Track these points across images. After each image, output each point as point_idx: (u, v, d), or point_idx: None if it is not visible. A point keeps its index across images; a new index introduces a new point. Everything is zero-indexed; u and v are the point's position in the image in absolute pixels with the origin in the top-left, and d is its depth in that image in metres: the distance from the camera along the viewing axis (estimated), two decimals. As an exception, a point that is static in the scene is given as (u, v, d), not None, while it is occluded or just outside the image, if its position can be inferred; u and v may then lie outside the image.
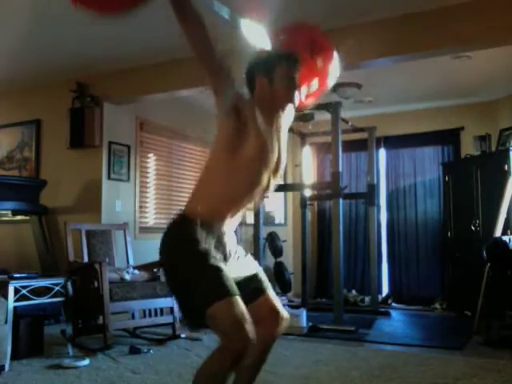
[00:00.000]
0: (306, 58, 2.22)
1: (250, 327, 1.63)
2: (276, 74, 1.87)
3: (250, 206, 1.89)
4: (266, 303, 1.90)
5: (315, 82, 2.21)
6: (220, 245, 1.80)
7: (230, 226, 1.88)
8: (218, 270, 1.70)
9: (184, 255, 1.75)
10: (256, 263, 2.01)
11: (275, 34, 2.31)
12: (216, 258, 1.74)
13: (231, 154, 1.77)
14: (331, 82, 2.25)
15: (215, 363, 1.69)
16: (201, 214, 1.77)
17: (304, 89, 2.16)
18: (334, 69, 2.25)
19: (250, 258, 1.99)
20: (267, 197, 1.95)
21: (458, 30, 3.68)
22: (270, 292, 1.93)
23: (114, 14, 1.69)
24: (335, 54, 2.26)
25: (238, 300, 1.67)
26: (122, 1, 1.58)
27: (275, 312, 1.90)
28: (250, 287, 1.89)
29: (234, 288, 1.69)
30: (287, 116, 1.98)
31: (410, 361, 3.48)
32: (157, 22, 3.83)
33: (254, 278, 1.92)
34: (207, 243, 1.74)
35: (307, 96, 2.24)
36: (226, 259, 1.82)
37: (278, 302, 1.93)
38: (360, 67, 4.31)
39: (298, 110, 2.16)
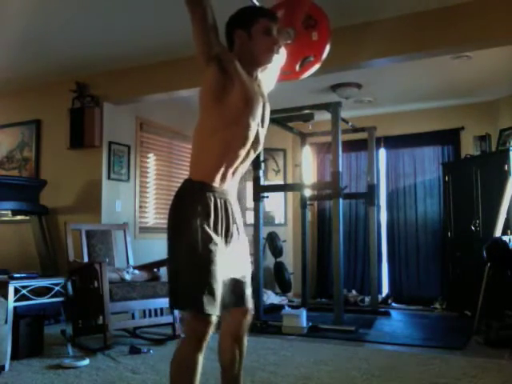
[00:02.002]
0: (301, 31, 2.22)
1: (213, 309, 1.70)
2: (255, 28, 1.87)
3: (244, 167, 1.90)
4: (242, 308, 1.93)
5: (310, 57, 2.22)
6: (224, 212, 1.83)
7: (231, 183, 1.90)
8: (211, 265, 1.72)
9: (182, 232, 1.77)
10: (248, 257, 1.99)
11: (270, 8, 2.31)
12: (212, 239, 1.75)
13: (218, 105, 1.78)
14: (325, 54, 2.26)
15: (181, 348, 1.77)
16: (201, 177, 1.82)
17: (299, 60, 2.17)
18: (328, 41, 2.26)
19: (245, 244, 1.98)
20: (259, 150, 1.95)
21: (458, 30, 3.68)
22: (249, 298, 1.94)
23: None
24: (329, 27, 2.27)
25: (213, 320, 1.72)
26: None
27: (245, 309, 1.93)
28: (236, 293, 1.88)
29: (216, 306, 1.72)
30: (269, 77, 2.00)
31: (410, 361, 3.48)
32: (157, 21, 3.83)
33: (241, 285, 1.91)
34: (206, 218, 1.77)
35: (302, 68, 2.25)
36: (227, 236, 1.84)
37: (249, 297, 1.95)
38: (360, 67, 4.31)
39: (292, 79, 2.19)
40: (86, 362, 3.41)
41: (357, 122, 5.91)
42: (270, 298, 6.13)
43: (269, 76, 2.02)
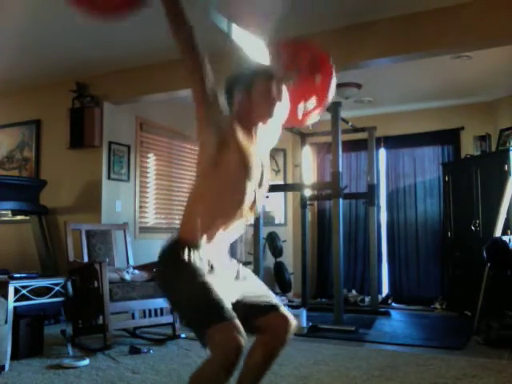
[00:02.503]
0: (304, 73, 2.22)
1: (242, 338, 1.63)
2: (254, 88, 1.88)
3: (241, 224, 1.89)
4: (278, 315, 1.91)
5: (313, 100, 2.21)
6: (212, 268, 1.82)
7: (222, 246, 1.90)
8: (210, 293, 1.70)
9: (177, 277, 1.78)
10: (260, 283, 2.02)
11: (274, 50, 2.31)
12: (208, 280, 1.74)
13: (214, 170, 1.79)
14: (330, 99, 2.25)
15: (205, 373, 1.70)
16: (190, 236, 1.80)
17: (302, 106, 2.16)
18: (333, 86, 2.25)
19: (252, 277, 2.00)
20: (257, 213, 1.94)
21: (458, 30, 3.68)
22: (280, 306, 1.94)
23: (109, 15, 1.70)
24: (334, 72, 2.26)
25: (234, 324, 1.66)
26: (117, 3, 1.56)
27: (284, 317, 1.90)
28: (261, 306, 1.89)
29: (228, 311, 1.68)
30: (271, 131, 1.99)
31: (410, 361, 3.48)
32: (157, 21, 3.83)
33: (263, 298, 1.93)
34: (197, 263, 1.77)
35: (305, 114, 2.24)
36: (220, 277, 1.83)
37: (284, 308, 1.94)
38: (360, 67, 4.31)
39: (296, 126, 2.17)
40: (86, 362, 3.41)
41: (357, 122, 5.91)
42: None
43: (272, 128, 2.01)
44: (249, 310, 1.84)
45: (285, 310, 1.93)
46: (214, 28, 1.88)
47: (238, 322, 1.66)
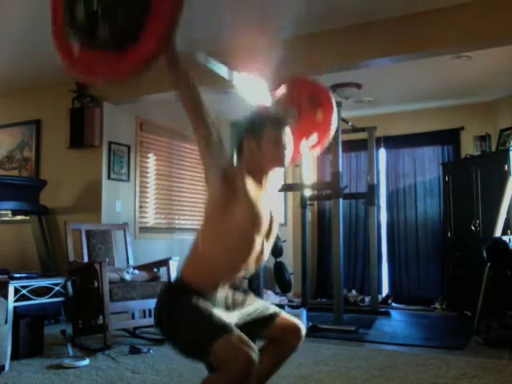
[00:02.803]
0: (305, 111, 2.22)
1: (247, 347, 1.61)
2: (264, 138, 1.85)
3: (246, 272, 1.87)
4: (283, 322, 1.92)
5: (314, 136, 2.22)
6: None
7: (225, 290, 1.89)
8: (210, 314, 1.70)
9: (178, 317, 1.75)
10: (262, 302, 2.01)
11: (275, 87, 2.32)
12: (208, 308, 1.74)
13: (222, 220, 1.76)
14: (331, 134, 2.26)
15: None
16: (196, 284, 1.77)
17: (303, 142, 2.16)
18: (334, 121, 2.25)
19: (255, 302, 1.98)
20: (263, 263, 1.93)
21: (457, 30, 3.68)
22: (282, 313, 1.94)
23: (113, 80, 1.70)
24: (335, 107, 2.26)
25: (234, 335, 1.65)
26: (121, 69, 1.54)
27: (296, 328, 1.91)
28: (260, 318, 1.90)
29: (229, 324, 1.68)
30: (277, 176, 1.98)
31: (410, 361, 3.48)
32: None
33: (260, 311, 1.93)
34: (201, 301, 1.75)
35: (307, 149, 2.25)
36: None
37: (292, 317, 1.95)
38: (360, 67, 4.31)
39: (296, 160, 2.19)
40: (86, 362, 3.41)
41: (357, 122, 5.91)
42: (270, 298, 6.13)
43: (279, 173, 2.01)
44: (253, 326, 1.84)
45: (293, 318, 1.94)
46: (214, 74, 1.89)
47: (243, 336, 1.65)
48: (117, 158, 5.18)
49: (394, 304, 6.17)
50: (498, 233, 4.47)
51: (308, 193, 6.05)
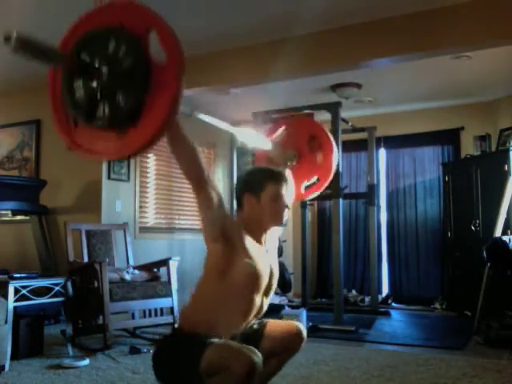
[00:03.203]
0: (305, 153, 2.22)
1: (246, 349, 1.61)
2: (264, 194, 1.85)
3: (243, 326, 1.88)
4: (277, 331, 1.94)
5: (315, 177, 2.22)
6: None
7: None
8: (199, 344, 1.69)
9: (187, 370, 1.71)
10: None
11: (274, 127, 2.31)
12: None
13: (222, 278, 1.75)
14: (331, 177, 2.26)
15: None
16: (194, 332, 1.74)
17: (305, 184, 2.16)
18: (334, 163, 2.25)
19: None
20: (261, 317, 1.94)
21: (458, 30, 3.68)
22: (272, 322, 1.98)
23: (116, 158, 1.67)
24: (334, 148, 2.26)
25: (221, 341, 1.66)
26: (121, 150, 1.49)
27: (294, 331, 1.93)
28: (249, 332, 1.91)
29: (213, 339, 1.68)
30: (275, 232, 1.99)
31: (410, 361, 3.48)
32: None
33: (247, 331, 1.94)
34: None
35: (307, 190, 2.25)
36: None
37: (287, 322, 1.99)
38: (360, 67, 4.31)
39: (296, 200, 2.19)
40: (86, 362, 3.40)
41: (357, 122, 5.91)
42: (270, 298, 6.12)
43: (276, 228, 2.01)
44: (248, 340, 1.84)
45: (290, 322, 1.98)
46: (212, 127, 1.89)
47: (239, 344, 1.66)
48: (117, 158, 5.17)
49: (394, 304, 6.16)
50: (498, 233, 4.47)
51: (308, 193, 6.05)
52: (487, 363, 3.37)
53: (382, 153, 6.58)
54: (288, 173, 1.97)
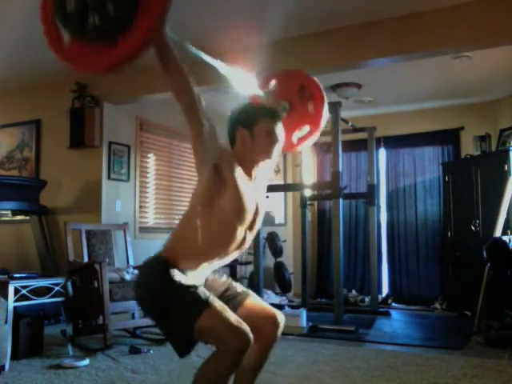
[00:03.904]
0: (296, 103, 2.23)
1: (244, 325, 1.66)
2: (257, 128, 1.87)
3: (227, 259, 1.91)
4: (258, 308, 1.93)
5: (306, 127, 2.22)
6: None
7: (206, 272, 1.92)
8: (192, 289, 1.73)
9: (161, 291, 1.77)
10: (232, 282, 2.03)
11: (265, 81, 2.32)
12: (188, 284, 1.76)
13: (208, 207, 1.79)
14: (322, 126, 2.27)
15: (214, 369, 1.70)
16: (175, 261, 1.79)
17: (295, 134, 2.17)
18: (325, 112, 2.26)
19: (233, 286, 2.01)
20: (243, 251, 1.96)
21: (458, 29, 3.68)
22: (254, 297, 1.96)
23: (99, 71, 1.69)
24: (325, 99, 2.27)
25: (222, 306, 1.70)
26: (107, 60, 1.52)
27: (272, 316, 1.92)
28: (229, 296, 1.92)
29: (212, 297, 1.72)
30: (266, 168, 1.99)
31: (410, 361, 3.48)
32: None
33: (229, 289, 1.96)
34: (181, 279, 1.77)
35: (299, 140, 2.26)
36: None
37: (267, 305, 1.97)
38: (360, 67, 4.31)
39: (289, 152, 2.19)
40: (86, 362, 3.41)
41: (357, 122, 5.91)
42: (270, 297, 6.13)
43: (270, 165, 2.02)
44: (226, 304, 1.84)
45: (268, 306, 1.95)
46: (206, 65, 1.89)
47: (225, 306, 1.70)
48: (117, 158, 5.18)
49: (394, 304, 6.16)
50: (498, 233, 4.47)
51: (308, 193, 6.06)
52: (487, 363, 3.37)
53: (382, 153, 6.58)
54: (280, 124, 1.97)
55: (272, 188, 5.97)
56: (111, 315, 3.76)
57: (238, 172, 1.81)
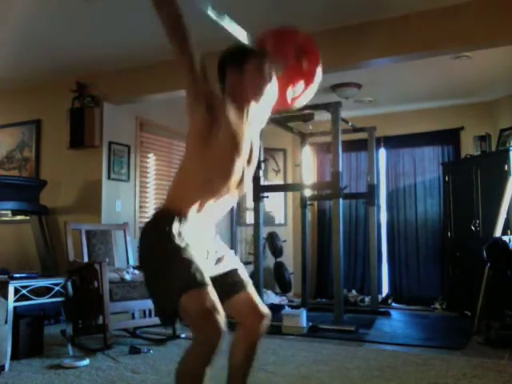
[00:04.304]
0: (291, 60, 2.22)
1: (220, 318, 1.64)
2: (247, 64, 1.90)
3: (228, 200, 1.90)
4: (246, 301, 1.92)
5: (301, 85, 2.22)
6: (197, 242, 1.82)
7: (208, 219, 1.90)
8: (190, 262, 1.72)
9: (158, 250, 1.77)
10: (237, 259, 2.02)
11: (259, 38, 2.31)
12: (189, 251, 1.75)
13: (203, 145, 1.80)
14: (316, 84, 2.26)
15: (190, 358, 1.71)
16: (177, 206, 1.80)
17: (290, 91, 2.16)
18: (319, 71, 2.26)
19: (230, 255, 2.00)
20: (244, 190, 1.95)
21: (458, 29, 3.68)
22: (251, 289, 1.94)
23: None
24: (319, 57, 2.27)
25: (209, 290, 1.68)
26: None
27: (256, 309, 1.91)
28: (228, 282, 1.91)
29: (205, 278, 1.70)
30: (261, 110, 1.99)
31: (410, 361, 3.48)
32: (156, 21, 3.84)
33: (233, 273, 1.94)
34: (182, 239, 1.76)
35: (293, 98, 2.25)
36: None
37: (258, 298, 1.95)
38: (360, 67, 4.31)
39: (284, 110, 2.18)
40: (86, 362, 3.41)
41: (357, 122, 5.91)
42: (270, 297, 6.13)
43: (263, 109, 2.02)
44: (222, 288, 1.83)
45: (258, 302, 1.92)
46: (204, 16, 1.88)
47: (213, 293, 1.68)
48: (117, 158, 5.18)
49: (394, 304, 6.16)
50: (498, 233, 4.47)
51: (308, 193, 6.06)
52: (487, 363, 3.37)
53: (382, 153, 6.58)
54: (274, 77, 1.98)
55: (272, 188, 6.01)
56: (111, 315, 3.76)
57: (231, 111, 1.82)
